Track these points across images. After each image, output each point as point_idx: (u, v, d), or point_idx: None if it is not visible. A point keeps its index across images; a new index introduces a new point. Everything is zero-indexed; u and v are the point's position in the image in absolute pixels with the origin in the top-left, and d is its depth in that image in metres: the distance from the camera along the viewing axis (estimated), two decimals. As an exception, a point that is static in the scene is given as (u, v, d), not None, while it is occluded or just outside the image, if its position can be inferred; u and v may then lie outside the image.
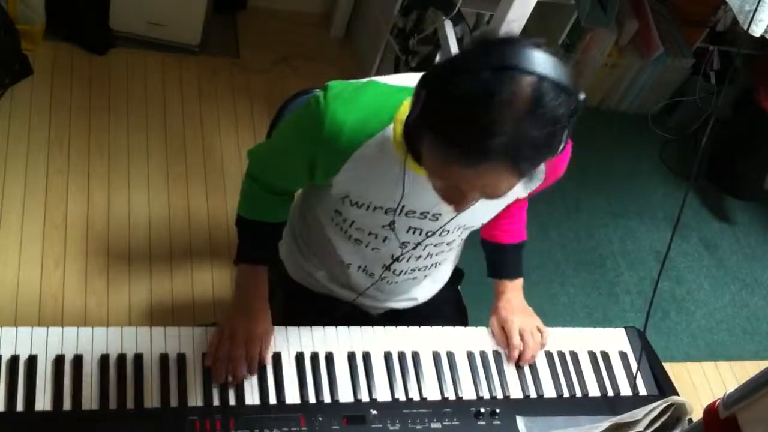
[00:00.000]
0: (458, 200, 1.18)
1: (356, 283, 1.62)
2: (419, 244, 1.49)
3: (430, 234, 1.46)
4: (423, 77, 1.12)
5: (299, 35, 3.33)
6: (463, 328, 1.63)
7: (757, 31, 1.88)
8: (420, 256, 1.54)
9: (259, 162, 1.53)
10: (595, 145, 3.47)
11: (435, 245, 1.52)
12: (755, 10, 1.86)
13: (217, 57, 3.13)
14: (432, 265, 1.61)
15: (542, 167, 1.39)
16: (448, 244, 1.54)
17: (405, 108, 1.27)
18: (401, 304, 1.71)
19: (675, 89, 3.61)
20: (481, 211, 1.46)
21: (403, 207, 1.39)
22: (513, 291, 1.67)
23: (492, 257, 1.71)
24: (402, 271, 1.57)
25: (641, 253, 3.16)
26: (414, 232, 1.46)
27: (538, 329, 1.61)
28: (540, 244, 3.03)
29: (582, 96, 1.08)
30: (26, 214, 2.48)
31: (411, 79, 1.25)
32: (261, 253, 1.53)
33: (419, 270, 1.60)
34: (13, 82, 2.73)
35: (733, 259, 3.31)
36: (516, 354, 1.57)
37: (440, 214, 1.41)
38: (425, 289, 1.72)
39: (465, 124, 1.03)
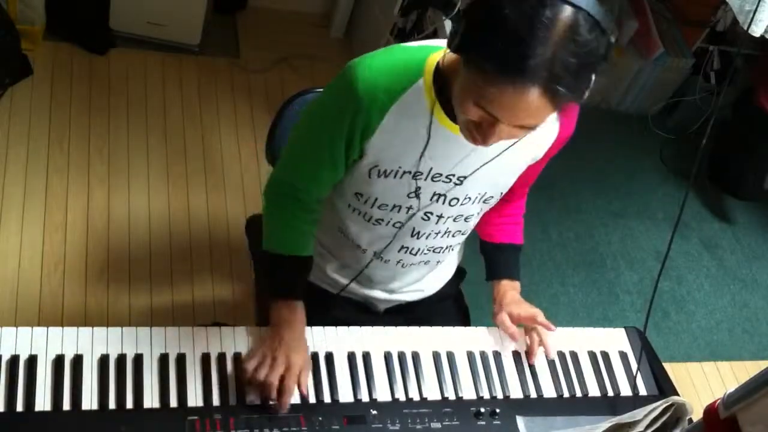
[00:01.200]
0: (488, 132, 1.22)
1: (369, 272, 1.62)
2: (441, 216, 1.49)
3: (453, 202, 1.47)
4: (465, 9, 1.19)
5: (299, 35, 3.33)
6: (463, 328, 1.63)
7: (757, 31, 1.88)
8: (439, 232, 1.54)
9: (289, 165, 1.51)
10: (595, 145, 3.46)
11: (455, 219, 1.52)
12: (755, 10, 1.86)
13: (217, 57, 3.13)
14: (446, 248, 1.61)
15: (556, 120, 1.43)
16: (466, 219, 1.54)
17: (432, 61, 1.34)
18: (409, 296, 1.72)
19: (675, 89, 3.61)
20: (501, 177, 1.48)
21: (430, 169, 1.40)
22: (512, 292, 1.67)
23: (491, 258, 1.72)
24: (419, 250, 1.57)
25: (641, 253, 3.16)
26: (438, 200, 1.46)
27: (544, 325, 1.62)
28: (540, 244, 3.03)
29: (613, 38, 1.16)
30: (26, 214, 2.48)
31: (430, 42, 1.38)
32: (296, 289, 1.50)
33: (434, 251, 1.60)
34: (13, 82, 2.73)
35: (733, 259, 3.31)
36: (537, 344, 1.59)
37: (465, 177, 1.43)
38: (432, 281, 1.73)
39: (505, 39, 1.11)
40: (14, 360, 1.31)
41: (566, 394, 1.57)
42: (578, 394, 1.58)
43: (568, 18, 1.10)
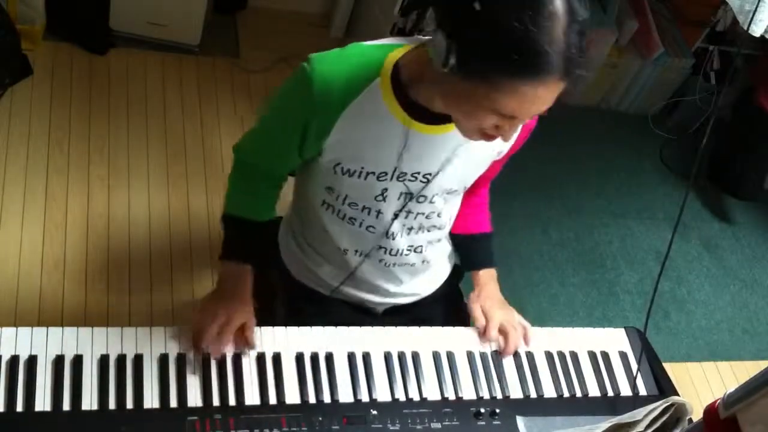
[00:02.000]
0: (509, 132, 1.24)
1: (360, 275, 1.62)
2: (410, 212, 1.50)
3: (421, 200, 1.47)
4: (452, 29, 1.16)
5: (299, 35, 3.33)
6: (463, 328, 1.63)
7: (757, 31, 1.88)
8: (412, 228, 1.54)
9: (248, 145, 1.55)
10: (595, 145, 3.47)
11: (426, 216, 1.52)
12: (755, 10, 1.86)
13: (217, 57, 3.13)
14: (427, 244, 1.60)
15: None
16: (438, 215, 1.54)
17: (390, 61, 1.33)
18: (406, 299, 1.72)
19: (675, 89, 3.61)
20: (467, 172, 1.49)
21: (395, 169, 1.41)
22: (492, 282, 1.68)
23: (463, 249, 1.73)
24: (398, 250, 1.57)
25: (641, 253, 3.16)
26: (406, 198, 1.47)
27: (520, 322, 1.62)
28: (540, 244, 3.03)
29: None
30: (26, 214, 2.48)
31: (389, 39, 1.38)
32: (246, 252, 1.53)
33: (415, 251, 1.59)
34: (13, 82, 2.73)
35: (733, 259, 3.31)
36: (495, 341, 1.59)
37: (431, 174, 1.44)
38: (428, 282, 1.73)
39: (517, 46, 1.11)
40: (14, 360, 1.31)
41: (566, 394, 1.57)
42: (578, 394, 1.58)
43: (564, 3, 1.12)
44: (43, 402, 1.29)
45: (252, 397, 1.39)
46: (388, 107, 1.34)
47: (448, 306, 1.82)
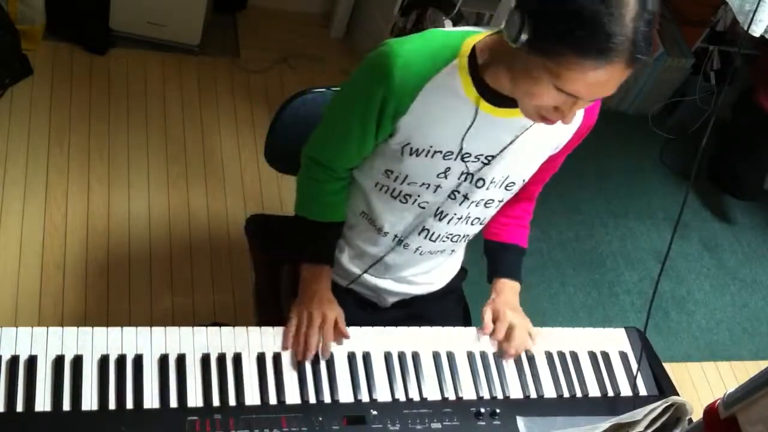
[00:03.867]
0: (569, 112, 1.27)
1: (385, 259, 1.64)
2: (466, 198, 1.51)
3: (480, 183, 1.49)
4: (518, 6, 1.21)
5: (299, 35, 3.33)
6: (463, 328, 1.63)
7: (757, 31, 1.88)
8: (461, 217, 1.55)
9: (319, 142, 1.57)
10: (595, 145, 3.46)
11: (477, 204, 1.53)
12: (755, 10, 1.86)
13: (217, 57, 3.13)
14: (464, 236, 1.63)
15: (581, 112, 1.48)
16: (486, 205, 1.55)
17: (468, 44, 1.36)
18: (418, 288, 1.72)
19: (675, 89, 3.61)
20: (525, 161, 1.51)
21: (461, 149, 1.43)
22: (510, 291, 1.68)
23: (494, 257, 1.72)
24: (439, 236, 1.58)
25: (641, 253, 3.16)
26: (466, 179, 1.48)
27: (529, 333, 1.62)
28: (540, 244, 3.03)
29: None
30: (26, 214, 2.48)
31: (469, 27, 1.42)
32: (324, 254, 1.61)
33: (452, 240, 1.61)
34: (13, 82, 2.73)
35: (733, 259, 3.31)
36: (498, 340, 1.59)
37: (492, 157, 1.45)
38: (441, 274, 1.74)
39: (586, 24, 1.14)
40: (14, 360, 1.31)
41: (566, 394, 1.57)
42: (578, 394, 1.58)
43: None
44: (43, 402, 1.29)
45: (252, 397, 1.39)
46: (463, 86, 1.37)
47: (450, 305, 1.82)
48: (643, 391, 1.62)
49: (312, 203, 1.61)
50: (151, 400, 1.33)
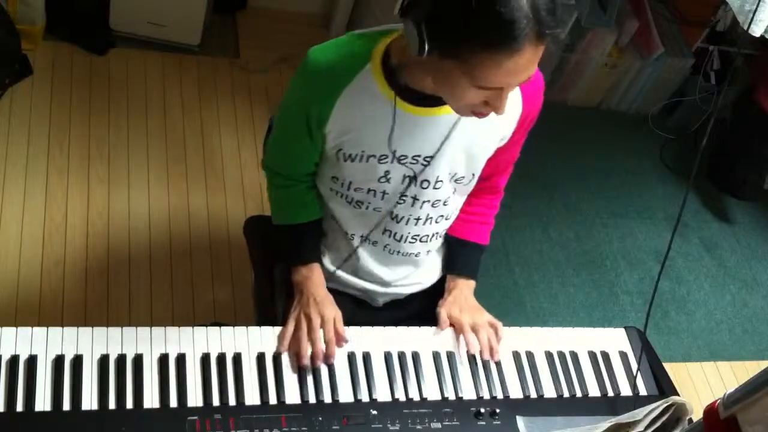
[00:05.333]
0: (498, 104, 1.25)
1: (362, 262, 1.64)
2: (416, 199, 1.51)
3: (425, 184, 1.49)
4: (418, 18, 1.19)
5: (299, 35, 3.33)
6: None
7: (757, 31, 1.88)
8: (419, 218, 1.56)
9: (271, 153, 1.62)
10: (595, 145, 3.46)
11: (432, 204, 1.54)
12: (755, 10, 1.86)
13: (217, 57, 3.13)
14: (432, 235, 1.62)
15: (519, 98, 1.46)
16: (444, 203, 1.55)
17: (381, 46, 1.38)
18: (406, 289, 1.72)
19: (675, 89, 3.60)
20: (469, 156, 1.50)
21: (394, 151, 1.43)
22: (463, 288, 1.68)
23: (452, 252, 1.72)
24: (402, 236, 1.59)
25: (641, 253, 3.16)
26: (410, 182, 1.49)
27: (491, 324, 1.61)
28: (540, 244, 3.03)
29: None
30: (26, 214, 2.48)
31: (387, 26, 1.41)
32: (308, 253, 1.61)
33: (420, 240, 1.61)
34: (13, 82, 2.73)
35: (733, 259, 3.31)
36: (474, 350, 1.57)
37: (431, 157, 1.46)
38: (427, 273, 1.73)
39: (485, 20, 1.13)
40: (14, 360, 1.31)
41: (566, 394, 1.57)
42: (578, 394, 1.58)
43: None
44: (43, 402, 1.29)
45: (252, 397, 1.39)
46: (379, 89, 1.38)
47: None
48: (643, 391, 1.62)
49: (285, 209, 1.63)
50: (151, 400, 1.34)
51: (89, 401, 1.31)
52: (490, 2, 1.12)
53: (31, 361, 1.32)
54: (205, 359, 1.41)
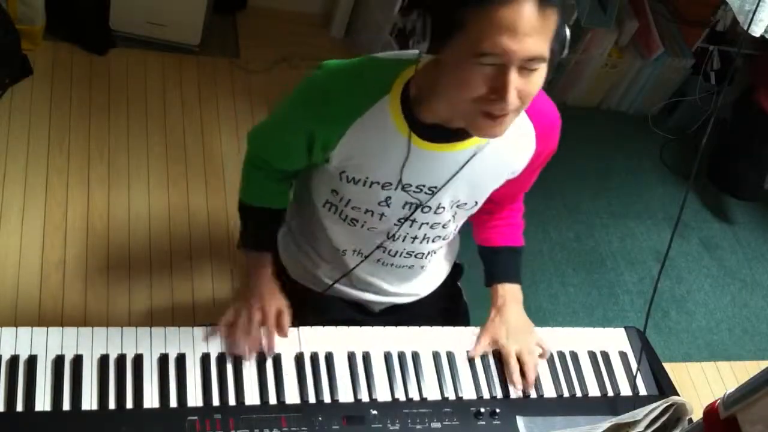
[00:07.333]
0: (503, 90, 1.17)
1: (356, 273, 1.62)
2: (415, 221, 1.49)
3: (426, 210, 1.47)
4: (422, 10, 1.18)
5: (299, 35, 3.33)
6: (463, 328, 1.63)
7: (757, 31, 1.88)
8: (416, 237, 1.53)
9: (260, 139, 1.56)
10: (595, 145, 3.46)
11: (431, 226, 1.51)
12: (755, 10, 1.86)
13: (217, 57, 3.13)
14: (428, 253, 1.60)
15: (533, 136, 1.42)
16: (443, 226, 1.53)
17: (402, 79, 1.32)
18: (403, 299, 1.71)
19: (675, 89, 3.61)
20: (476, 188, 1.47)
21: (399, 180, 1.40)
22: (511, 303, 1.63)
23: (487, 262, 1.69)
24: (397, 252, 1.57)
25: (641, 253, 3.16)
26: (411, 207, 1.46)
27: (538, 345, 1.59)
28: (540, 244, 3.03)
29: None
30: (26, 214, 2.48)
31: (403, 53, 1.34)
32: (265, 240, 1.58)
33: (415, 256, 1.59)
34: (13, 82, 2.73)
35: (733, 259, 3.31)
36: (516, 379, 1.54)
37: (436, 188, 1.43)
38: (425, 284, 1.72)
39: None
40: (14, 360, 1.31)
41: (566, 394, 1.57)
42: (578, 394, 1.58)
43: None
44: (43, 402, 1.29)
45: (252, 397, 1.39)
46: (394, 123, 1.34)
47: (447, 305, 1.82)
48: (643, 391, 1.62)
49: (252, 187, 1.59)
50: (151, 400, 1.34)
51: (89, 401, 1.31)
52: None
53: (31, 361, 1.32)
54: (205, 359, 1.41)
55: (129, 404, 1.32)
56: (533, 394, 1.55)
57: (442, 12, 1.16)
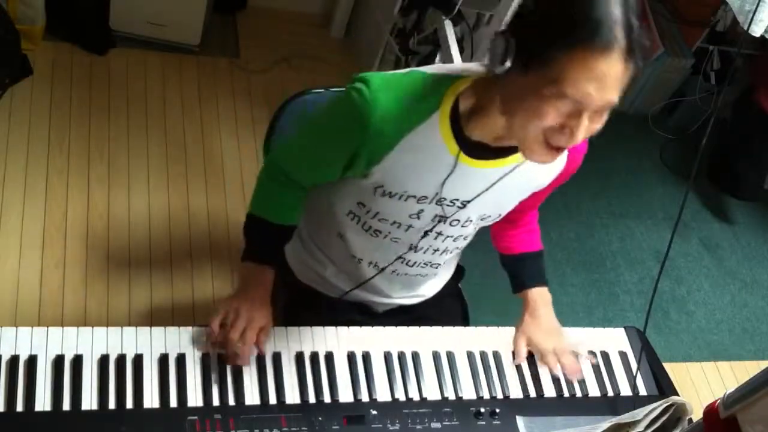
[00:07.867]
0: (576, 128, 1.21)
1: (365, 277, 1.62)
2: (440, 234, 1.49)
3: (454, 223, 1.47)
4: (512, 27, 1.20)
5: (299, 35, 3.33)
6: (463, 328, 1.63)
7: (757, 31, 1.88)
8: (437, 249, 1.54)
9: (286, 154, 1.52)
10: (595, 145, 3.46)
11: (454, 239, 1.53)
12: (755, 10, 1.86)
13: (217, 57, 3.13)
14: (443, 263, 1.62)
15: (565, 153, 1.42)
16: (464, 238, 1.55)
17: (451, 94, 1.31)
18: (408, 300, 1.72)
19: (675, 89, 3.61)
20: (504, 201, 1.49)
21: (436, 194, 1.40)
22: (543, 307, 1.65)
23: (512, 270, 1.72)
24: (415, 262, 1.57)
25: (641, 253, 3.16)
26: (439, 220, 1.47)
27: (573, 352, 1.60)
28: (540, 244, 3.03)
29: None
30: (26, 214, 2.48)
31: (451, 67, 1.34)
32: (270, 254, 1.54)
33: (431, 266, 1.60)
34: (13, 82, 2.73)
35: (733, 259, 3.31)
36: (563, 370, 1.57)
37: (468, 201, 1.43)
38: (431, 286, 1.73)
39: (579, 15, 1.13)
40: (14, 360, 1.31)
41: (566, 394, 1.57)
42: (578, 394, 1.58)
43: None
44: (43, 402, 1.29)
45: (252, 397, 1.39)
46: (444, 140, 1.33)
47: (448, 306, 1.82)
48: (643, 391, 1.62)
49: (268, 203, 1.55)
50: (151, 399, 1.34)
51: (89, 401, 1.31)
52: (588, 5, 1.12)
53: (31, 361, 1.32)
54: (205, 359, 1.41)
55: (129, 404, 1.32)
56: (533, 394, 1.55)
57: (532, 43, 1.16)
